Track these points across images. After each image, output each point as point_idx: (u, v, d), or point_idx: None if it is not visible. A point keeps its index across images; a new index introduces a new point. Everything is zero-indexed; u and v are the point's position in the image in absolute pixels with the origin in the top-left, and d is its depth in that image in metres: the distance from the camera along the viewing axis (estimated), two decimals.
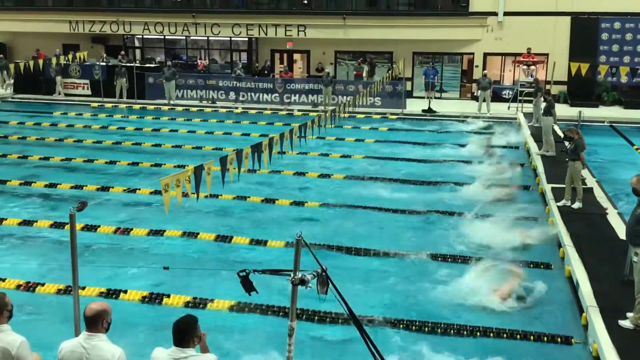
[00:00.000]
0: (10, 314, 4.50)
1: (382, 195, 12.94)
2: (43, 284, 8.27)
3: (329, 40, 27.59)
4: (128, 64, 26.37)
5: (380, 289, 8.59)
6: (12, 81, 27.09)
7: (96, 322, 4.32)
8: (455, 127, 21.33)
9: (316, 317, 7.53)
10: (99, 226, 10.46)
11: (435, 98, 25.50)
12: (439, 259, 9.54)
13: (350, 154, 16.60)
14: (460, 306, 8.06)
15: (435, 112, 23.23)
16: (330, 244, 9.93)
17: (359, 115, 22.13)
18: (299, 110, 23.76)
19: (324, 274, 4.50)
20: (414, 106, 24.07)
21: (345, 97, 23.53)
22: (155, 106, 24.57)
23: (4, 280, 8.33)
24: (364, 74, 26.61)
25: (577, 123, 16.11)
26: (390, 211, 11.84)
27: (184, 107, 24.39)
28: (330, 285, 4.42)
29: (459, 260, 9.47)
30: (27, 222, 10.77)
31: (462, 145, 17.97)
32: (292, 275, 4.50)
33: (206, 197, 10.33)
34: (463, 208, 11.92)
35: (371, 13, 27.44)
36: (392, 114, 23.18)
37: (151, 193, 12.45)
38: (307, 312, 7.56)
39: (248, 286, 4.75)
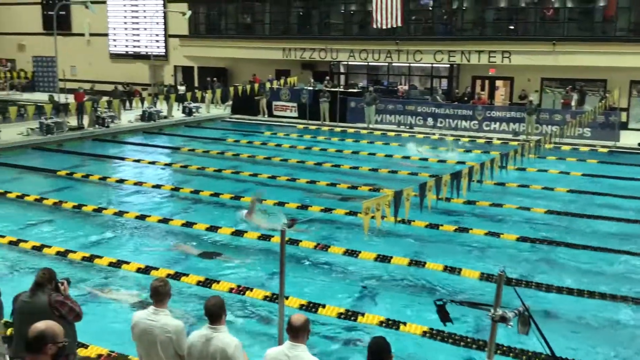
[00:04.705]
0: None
1: (586, 233, 12.07)
2: (252, 289, 8.96)
3: (535, 66, 26.48)
4: (332, 89, 27.79)
5: (582, 333, 8.03)
6: (230, 102, 29.99)
7: (301, 333, 4.60)
8: None
9: (511, 354, 7.23)
10: (301, 240, 11.12)
11: None
12: None
13: (553, 187, 15.70)
14: None
15: None
16: (529, 281, 9.50)
17: (564, 147, 20.85)
18: (498, 139, 23.08)
19: (526, 313, 4.34)
20: (630, 139, 22.08)
21: (550, 126, 22.42)
22: (355, 129, 25.53)
23: (218, 282, 9.21)
24: (573, 103, 25.05)
25: None
26: (598, 250, 10.99)
27: (382, 132, 25.00)
28: (533, 325, 4.26)
29: None
30: (238, 232, 11.79)
31: None
32: (492, 310, 4.39)
33: (401, 221, 10.49)
34: None
35: (584, 38, 25.69)
36: (602, 146, 21.51)
37: (346, 214, 12.90)
38: (501, 347, 7.29)
39: (444, 316, 4.73)
